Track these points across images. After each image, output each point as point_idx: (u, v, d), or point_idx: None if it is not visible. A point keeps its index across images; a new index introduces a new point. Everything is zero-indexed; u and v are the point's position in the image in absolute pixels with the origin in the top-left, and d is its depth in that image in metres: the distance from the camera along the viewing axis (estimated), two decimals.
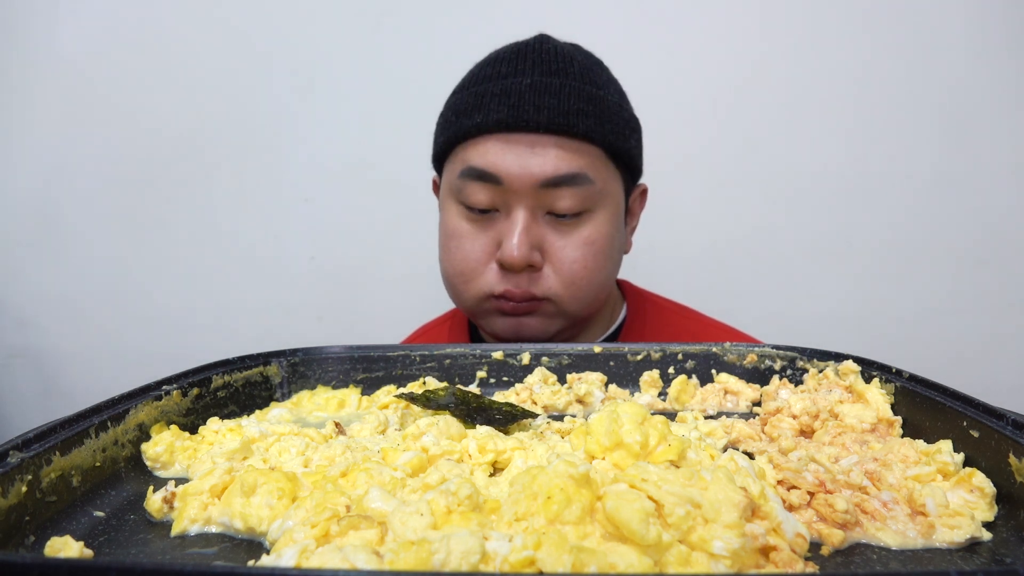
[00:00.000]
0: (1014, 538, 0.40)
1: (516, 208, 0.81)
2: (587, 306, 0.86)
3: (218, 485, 0.44)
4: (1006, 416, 0.46)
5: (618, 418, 0.44)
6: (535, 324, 0.85)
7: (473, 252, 0.84)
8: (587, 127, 0.80)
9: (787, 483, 0.44)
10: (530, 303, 0.83)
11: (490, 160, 0.80)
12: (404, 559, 0.32)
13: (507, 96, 0.80)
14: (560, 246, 0.82)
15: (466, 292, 0.86)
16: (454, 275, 0.87)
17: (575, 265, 0.82)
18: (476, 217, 0.84)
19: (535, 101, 0.79)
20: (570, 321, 0.87)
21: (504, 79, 0.82)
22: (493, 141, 0.80)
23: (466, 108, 0.83)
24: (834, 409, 0.58)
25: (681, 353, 0.74)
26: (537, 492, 0.36)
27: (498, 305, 0.84)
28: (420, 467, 0.47)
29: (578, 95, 0.80)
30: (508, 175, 0.79)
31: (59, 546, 0.36)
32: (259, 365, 0.68)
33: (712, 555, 0.34)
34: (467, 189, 0.82)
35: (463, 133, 0.82)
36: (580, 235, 0.82)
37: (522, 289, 0.82)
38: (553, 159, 0.79)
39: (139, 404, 0.53)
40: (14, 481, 0.39)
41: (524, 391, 0.68)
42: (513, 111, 0.79)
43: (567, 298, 0.84)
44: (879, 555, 0.39)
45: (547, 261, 0.82)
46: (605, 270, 0.86)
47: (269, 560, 0.35)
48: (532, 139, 0.79)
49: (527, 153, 0.79)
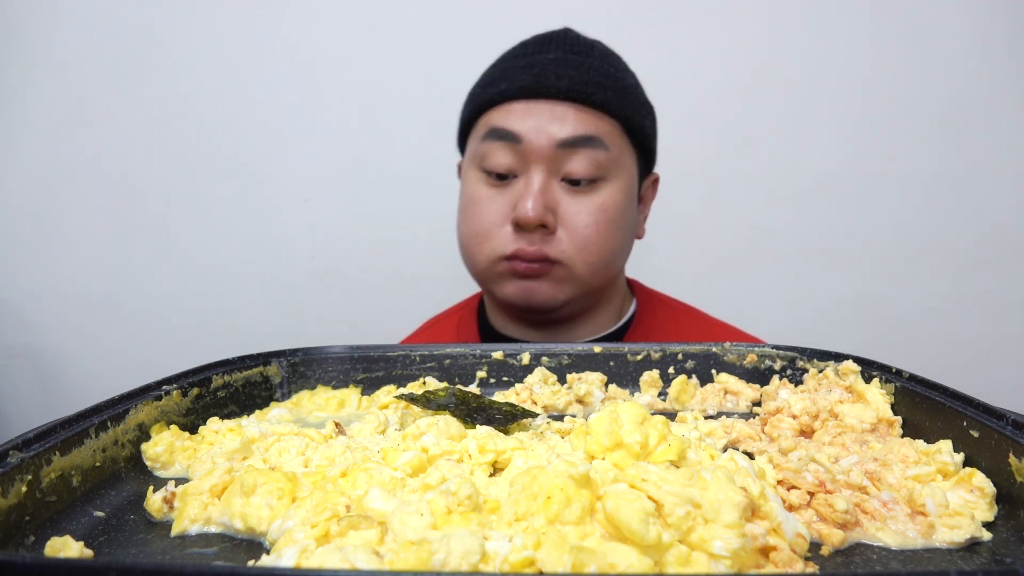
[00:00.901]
0: (1014, 538, 0.40)
1: (533, 170, 0.84)
2: (597, 273, 0.88)
3: (218, 485, 0.44)
4: (1006, 416, 0.46)
5: (618, 418, 0.44)
6: (545, 289, 0.87)
7: (489, 215, 0.87)
8: (605, 98, 0.84)
9: (787, 483, 0.44)
10: (541, 265, 0.85)
11: (511, 121, 0.84)
12: (404, 559, 0.32)
13: (531, 67, 0.86)
14: (574, 211, 0.85)
15: (480, 254, 0.88)
16: (469, 237, 0.89)
17: (587, 230, 0.85)
18: (495, 183, 0.87)
19: (557, 71, 0.84)
20: (580, 289, 0.88)
21: (529, 56, 0.88)
22: (516, 104, 0.85)
23: (492, 79, 0.90)
24: (834, 409, 0.58)
25: (681, 353, 0.74)
26: (537, 492, 0.36)
27: (510, 266, 0.86)
28: (420, 467, 0.46)
29: (598, 71, 0.86)
30: (527, 135, 0.83)
31: (59, 546, 0.36)
32: (259, 365, 0.68)
33: (712, 555, 0.34)
34: (488, 151, 0.86)
35: (488, 101, 0.88)
36: (593, 201, 0.85)
37: (535, 248, 0.84)
38: (572, 122, 0.83)
39: (139, 404, 0.53)
40: (14, 481, 0.39)
41: (524, 391, 0.68)
42: (536, 79, 0.84)
43: (578, 262, 0.86)
44: (879, 555, 0.39)
45: (560, 225, 0.85)
46: (615, 239, 0.88)
47: (269, 560, 0.35)
48: (552, 105, 0.84)
49: (547, 116, 0.83)
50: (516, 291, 0.87)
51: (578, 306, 0.91)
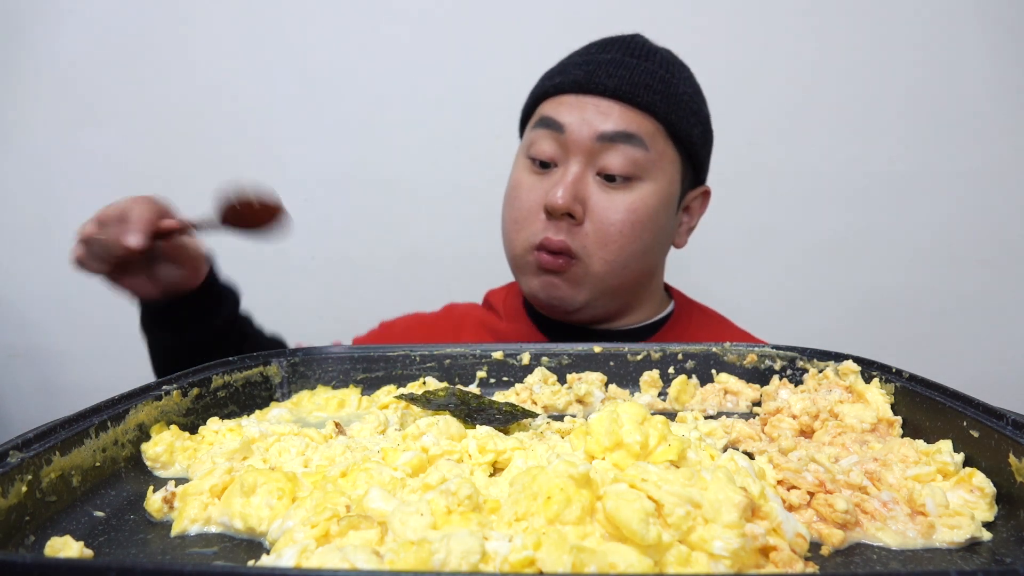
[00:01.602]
0: (1014, 538, 0.40)
1: (572, 160, 0.86)
2: (615, 273, 0.87)
3: (218, 485, 0.44)
4: (1006, 416, 0.46)
5: (618, 418, 0.44)
6: (565, 288, 0.88)
7: (528, 201, 0.88)
8: (651, 100, 0.85)
9: (787, 483, 0.44)
10: (563, 260, 0.86)
11: (559, 111, 0.87)
12: (404, 559, 0.32)
13: (587, 64, 0.88)
14: (603, 206, 0.85)
15: (516, 240, 0.90)
16: (510, 223, 0.91)
17: (612, 227, 0.85)
18: (538, 170, 0.89)
19: (609, 71, 0.87)
20: (598, 289, 0.88)
21: (590, 54, 0.91)
22: (567, 97, 0.88)
23: (551, 73, 0.93)
24: (834, 409, 0.58)
25: (681, 353, 0.74)
26: (537, 492, 0.36)
27: (537, 257, 0.87)
28: (420, 467, 0.46)
29: (651, 75, 0.87)
30: (570, 125, 0.85)
31: (59, 546, 0.36)
32: (259, 365, 0.68)
33: (712, 555, 0.34)
34: (535, 139, 0.89)
35: (543, 92, 0.91)
36: (625, 199, 0.86)
37: (559, 238, 0.85)
38: (615, 118, 0.85)
39: (139, 404, 0.53)
40: (14, 481, 0.39)
41: (524, 391, 0.68)
42: (588, 75, 0.87)
43: (597, 259, 0.86)
44: (879, 555, 0.39)
45: (588, 218, 0.85)
46: (642, 242, 0.87)
47: (269, 560, 0.35)
48: (600, 102, 0.86)
49: (592, 111, 0.86)
50: (539, 286, 0.89)
51: (602, 308, 0.91)
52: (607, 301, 0.91)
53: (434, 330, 1.05)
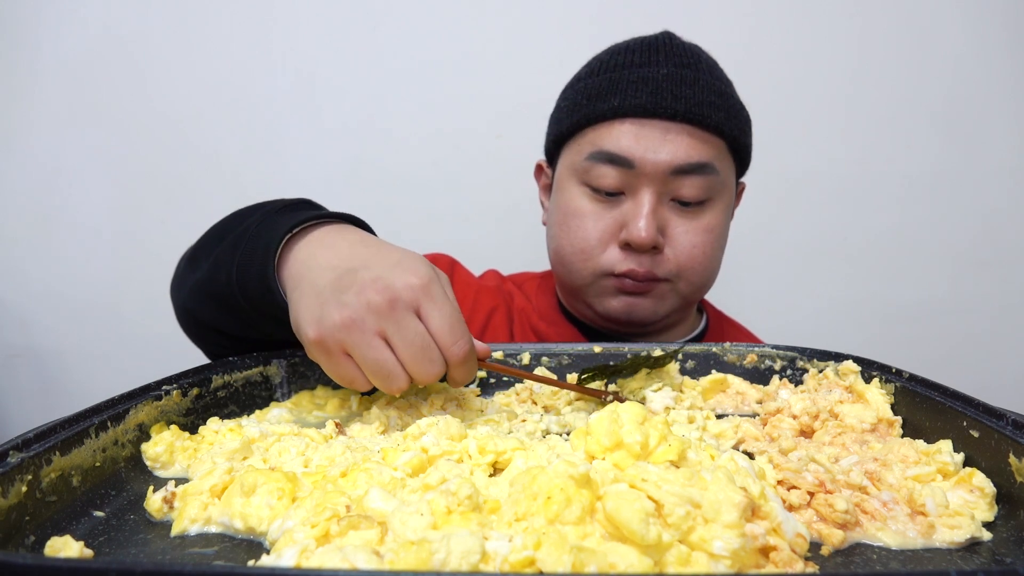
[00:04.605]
0: (1014, 538, 0.40)
1: (643, 191, 0.83)
2: (698, 291, 0.90)
3: (218, 485, 0.44)
4: (1006, 416, 0.46)
5: (618, 418, 0.44)
6: (648, 304, 0.88)
7: (595, 231, 0.86)
8: (719, 120, 0.84)
9: (787, 483, 0.44)
10: (649, 284, 0.86)
11: (624, 145, 0.83)
12: (404, 559, 0.32)
13: (645, 83, 0.83)
14: (683, 231, 0.85)
15: (585, 269, 0.88)
16: (573, 253, 0.88)
17: (695, 250, 0.85)
18: (601, 198, 0.86)
19: (672, 90, 0.82)
20: (680, 302, 0.90)
21: (640, 68, 0.85)
22: (627, 125, 0.83)
23: (600, 92, 0.86)
24: (834, 409, 0.58)
25: (681, 353, 0.74)
26: (537, 492, 0.36)
27: (619, 284, 0.86)
28: (420, 467, 0.46)
29: (710, 88, 0.84)
30: (642, 160, 0.82)
31: (59, 546, 0.36)
32: (259, 365, 0.68)
33: (712, 555, 0.34)
34: (596, 171, 0.85)
35: (597, 115, 0.85)
36: (701, 222, 0.86)
37: (645, 269, 0.84)
38: (685, 147, 0.82)
39: (139, 404, 0.53)
40: (14, 481, 0.39)
41: (524, 391, 0.68)
42: (652, 97, 0.82)
43: (684, 282, 0.87)
44: (879, 555, 0.39)
45: (668, 244, 0.85)
46: (719, 257, 0.90)
47: (269, 560, 0.35)
48: (666, 126, 0.82)
49: (659, 140, 0.82)
50: (620, 305, 0.88)
51: (668, 321, 0.93)
52: (677, 315, 0.92)
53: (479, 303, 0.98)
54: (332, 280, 0.54)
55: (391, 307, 0.51)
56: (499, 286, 1.03)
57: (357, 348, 0.52)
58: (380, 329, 0.51)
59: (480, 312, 0.95)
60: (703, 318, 1.03)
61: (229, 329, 0.69)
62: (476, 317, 0.94)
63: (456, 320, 0.53)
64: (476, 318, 0.94)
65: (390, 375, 0.51)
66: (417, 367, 0.51)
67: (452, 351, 0.52)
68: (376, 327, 0.51)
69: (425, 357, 0.51)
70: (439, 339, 0.52)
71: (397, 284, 0.51)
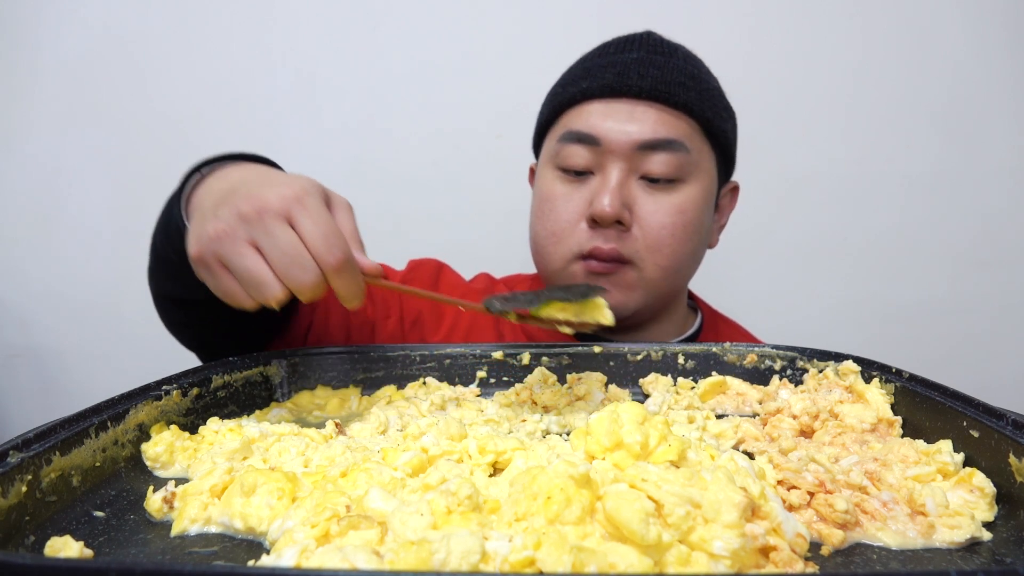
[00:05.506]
0: (1014, 538, 0.40)
1: (611, 168, 0.82)
2: (667, 278, 0.86)
3: (218, 485, 0.44)
4: (1006, 416, 0.46)
5: (618, 418, 0.44)
6: (616, 295, 0.85)
7: (566, 212, 0.85)
8: (687, 98, 0.83)
9: (787, 483, 0.44)
10: (615, 264, 0.83)
11: (591, 123, 0.83)
12: (404, 559, 0.32)
13: (614, 66, 0.84)
14: (651, 209, 0.83)
15: (556, 253, 0.87)
16: (546, 236, 0.87)
17: (663, 231, 0.83)
18: (571, 179, 0.86)
19: (639, 71, 0.83)
20: (649, 295, 0.86)
21: (612, 55, 0.87)
22: (596, 105, 0.84)
23: (572, 78, 0.88)
24: (834, 409, 0.58)
25: (681, 353, 0.74)
26: (537, 492, 0.36)
27: (585, 266, 0.85)
28: (420, 467, 0.47)
29: (680, 71, 0.84)
30: (607, 136, 0.82)
31: (59, 546, 0.36)
32: (259, 365, 0.68)
33: (712, 555, 0.34)
34: (566, 152, 0.85)
35: (568, 100, 0.86)
36: (671, 201, 0.83)
37: (610, 246, 0.82)
38: (652, 123, 0.82)
39: (139, 404, 0.53)
40: (14, 481, 0.39)
41: (524, 391, 0.68)
42: (619, 78, 0.83)
43: (649, 264, 0.84)
44: (879, 555, 0.39)
45: (635, 223, 0.83)
46: (691, 244, 0.86)
47: (269, 560, 0.35)
48: (633, 104, 0.82)
49: (627, 117, 0.82)
50: None
51: (647, 314, 0.90)
52: (651, 307, 0.89)
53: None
54: (215, 201, 0.56)
55: (259, 216, 0.51)
56: (488, 288, 1.03)
57: (230, 258, 0.52)
58: (251, 238, 0.52)
59: (466, 314, 0.94)
60: (698, 317, 1.02)
61: (175, 292, 0.70)
62: (462, 320, 0.93)
63: (331, 230, 0.52)
64: (462, 322, 0.93)
65: (263, 283, 0.52)
66: (289, 275, 0.51)
67: (325, 258, 0.51)
68: (247, 236, 0.52)
69: (296, 264, 0.51)
70: (311, 247, 0.51)
71: (269, 195, 0.52)
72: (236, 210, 0.52)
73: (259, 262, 0.51)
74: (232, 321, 0.68)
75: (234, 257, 0.52)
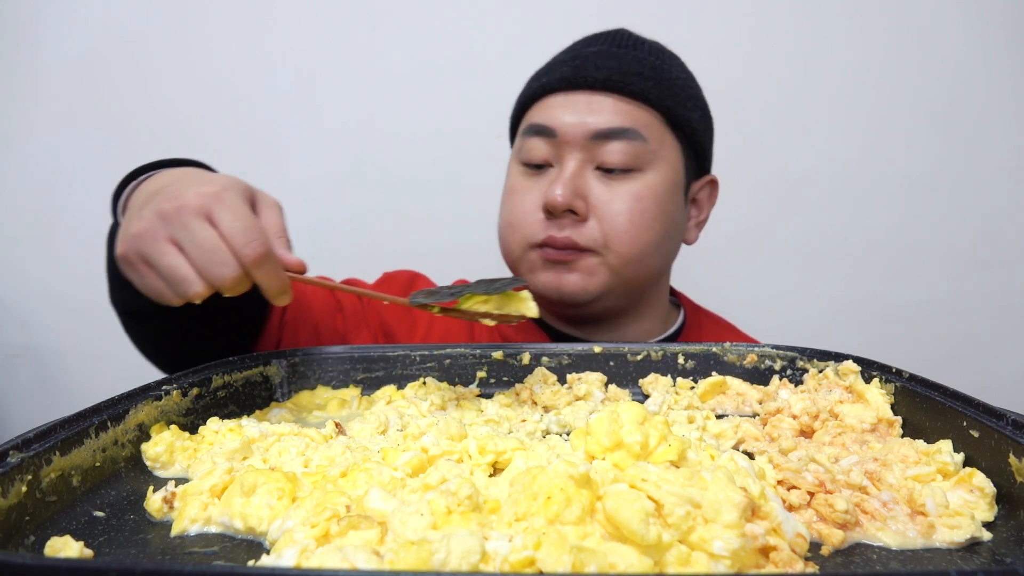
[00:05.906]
0: (1014, 538, 0.40)
1: (567, 159, 0.84)
2: (629, 265, 0.84)
3: (218, 485, 0.44)
4: (1006, 416, 0.46)
5: (618, 418, 0.44)
6: (575, 280, 0.84)
7: (524, 203, 0.87)
8: (644, 88, 0.83)
9: (787, 483, 0.44)
10: (572, 252, 0.83)
11: (549, 115, 0.84)
12: (404, 559, 0.32)
13: (573, 59, 0.86)
14: (606, 199, 0.83)
15: (513, 242, 0.88)
16: (505, 227, 0.90)
17: (619, 218, 0.82)
18: (531, 172, 0.87)
19: (596, 63, 0.84)
20: (612, 281, 0.85)
21: (576, 49, 0.89)
22: (555, 98, 0.85)
23: (537, 75, 0.91)
24: (834, 409, 0.58)
25: (681, 354, 0.74)
26: (537, 492, 0.36)
27: (541, 254, 0.85)
28: (420, 467, 0.47)
29: (640, 63, 0.85)
30: (563, 127, 0.83)
31: (59, 546, 0.36)
32: (259, 365, 0.68)
33: (712, 555, 0.34)
34: (526, 146, 0.87)
35: (531, 95, 0.88)
36: (627, 189, 0.83)
37: (564, 235, 0.83)
38: (607, 114, 0.82)
39: (139, 404, 0.53)
40: (14, 481, 0.39)
41: (524, 391, 0.68)
42: (575, 70, 0.84)
43: (611, 253, 0.83)
44: (879, 555, 0.39)
45: (592, 213, 0.83)
46: (653, 231, 0.84)
47: (269, 560, 0.35)
48: (590, 96, 0.83)
49: (584, 109, 0.83)
50: (547, 281, 0.85)
51: (614, 302, 0.88)
52: (619, 297, 0.87)
53: None
54: (142, 202, 0.57)
55: (178, 213, 0.52)
56: None
57: (151, 256, 0.54)
58: (171, 236, 0.53)
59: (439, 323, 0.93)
60: (680, 313, 1.01)
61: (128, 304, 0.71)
62: (435, 329, 0.92)
63: (249, 225, 0.53)
64: (435, 329, 0.92)
65: (183, 280, 0.53)
66: (209, 270, 0.52)
67: (243, 252, 0.52)
68: (167, 234, 0.53)
69: (215, 260, 0.52)
70: (229, 241, 0.52)
71: (188, 193, 0.53)
72: (157, 209, 0.54)
73: (179, 259, 0.53)
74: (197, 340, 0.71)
75: (155, 255, 0.53)
